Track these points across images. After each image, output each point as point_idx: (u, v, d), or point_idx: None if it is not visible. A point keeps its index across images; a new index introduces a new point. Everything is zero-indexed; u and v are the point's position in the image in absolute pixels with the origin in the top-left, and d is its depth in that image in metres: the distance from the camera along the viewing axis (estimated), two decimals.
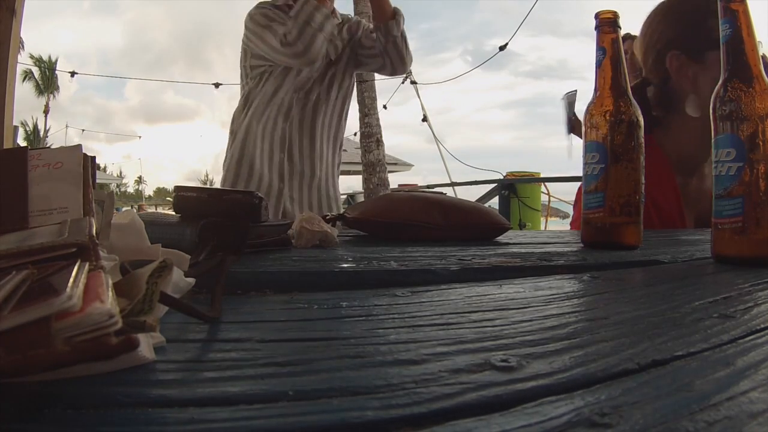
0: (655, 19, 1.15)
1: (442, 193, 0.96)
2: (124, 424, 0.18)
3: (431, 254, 0.59)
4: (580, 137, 0.76)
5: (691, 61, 1.07)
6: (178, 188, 0.59)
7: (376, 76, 7.91)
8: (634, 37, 1.30)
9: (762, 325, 0.32)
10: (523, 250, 0.65)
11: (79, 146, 0.42)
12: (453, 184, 6.92)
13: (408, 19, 1.36)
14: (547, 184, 5.20)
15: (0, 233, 0.33)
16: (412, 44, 1.51)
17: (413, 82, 9.11)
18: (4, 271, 0.23)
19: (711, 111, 0.59)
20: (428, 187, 6.87)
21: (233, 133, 1.51)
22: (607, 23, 0.73)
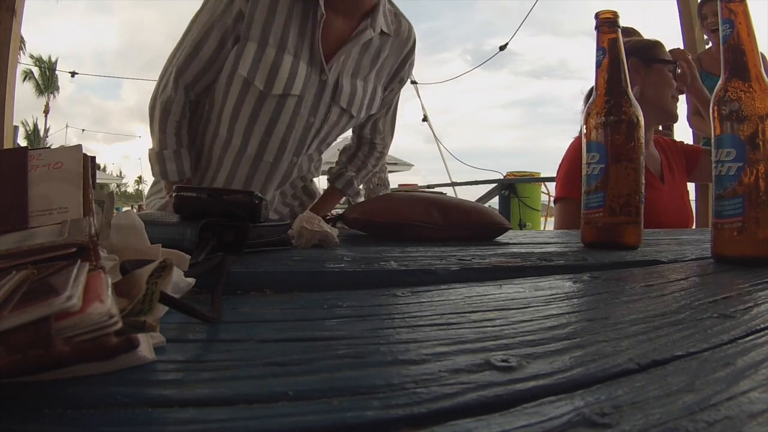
0: None
1: (442, 193, 0.96)
2: (124, 424, 0.18)
3: (431, 254, 0.59)
4: None
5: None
6: (178, 188, 0.59)
7: None
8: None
9: (762, 325, 0.32)
10: (523, 250, 0.65)
11: (79, 146, 0.42)
12: (453, 184, 6.91)
13: (408, 19, 1.34)
14: (547, 184, 5.19)
15: (0, 233, 0.33)
16: None
17: (413, 82, 9.11)
18: (4, 271, 0.23)
19: (711, 111, 0.59)
20: (428, 187, 6.86)
21: None
22: (606, 23, 0.73)
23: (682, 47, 2.63)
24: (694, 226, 1.53)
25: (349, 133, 1.39)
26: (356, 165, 1.38)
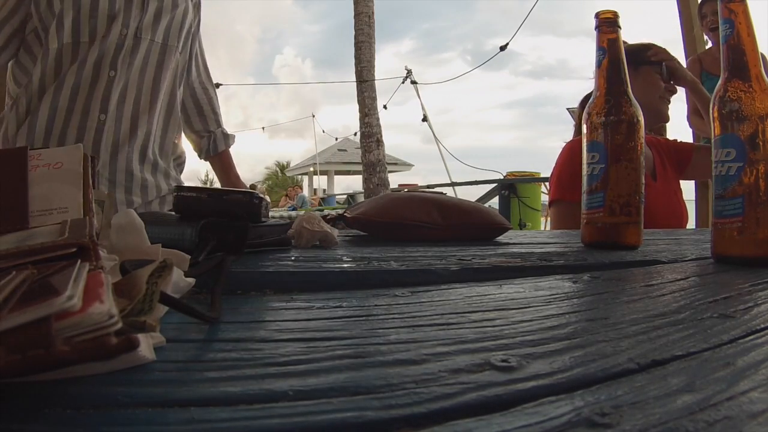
0: None
1: (442, 193, 0.96)
2: (124, 424, 0.18)
3: (431, 254, 0.59)
4: None
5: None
6: (178, 188, 0.59)
7: (377, 75, 7.91)
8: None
9: (762, 325, 0.32)
10: (523, 250, 0.65)
11: (79, 146, 0.42)
12: (453, 184, 6.91)
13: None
14: (547, 184, 5.19)
15: (0, 233, 0.33)
16: (412, 44, 1.45)
17: (413, 82, 9.13)
18: (4, 271, 0.23)
19: (711, 111, 0.59)
20: (428, 187, 6.86)
21: None
22: (606, 23, 0.73)
23: (681, 48, 2.63)
24: (689, 225, 1.53)
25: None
26: (211, 119, 1.38)
